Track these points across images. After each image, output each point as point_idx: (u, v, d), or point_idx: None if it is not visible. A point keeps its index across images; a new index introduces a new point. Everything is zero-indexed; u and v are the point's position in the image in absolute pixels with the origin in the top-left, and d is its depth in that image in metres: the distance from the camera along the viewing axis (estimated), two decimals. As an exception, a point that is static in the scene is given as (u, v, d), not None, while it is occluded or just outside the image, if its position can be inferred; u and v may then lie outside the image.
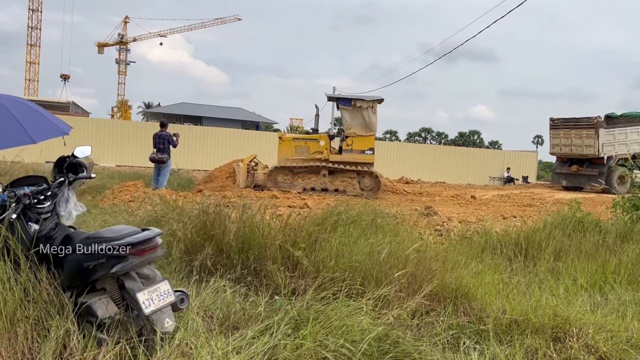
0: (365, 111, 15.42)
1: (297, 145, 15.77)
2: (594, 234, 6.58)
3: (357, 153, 15.61)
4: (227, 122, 51.54)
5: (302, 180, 15.48)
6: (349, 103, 15.46)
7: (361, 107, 15.43)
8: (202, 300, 3.82)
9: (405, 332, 3.48)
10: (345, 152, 15.65)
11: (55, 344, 2.85)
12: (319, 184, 15.44)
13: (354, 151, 15.60)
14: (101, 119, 36.74)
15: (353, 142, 15.57)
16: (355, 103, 15.44)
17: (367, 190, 15.57)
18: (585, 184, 22.02)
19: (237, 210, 5.32)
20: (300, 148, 15.69)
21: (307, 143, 15.81)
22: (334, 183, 15.51)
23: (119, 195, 10.74)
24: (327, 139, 15.77)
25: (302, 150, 15.65)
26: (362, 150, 15.63)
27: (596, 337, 3.59)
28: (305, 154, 15.59)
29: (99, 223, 6.36)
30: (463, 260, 5.10)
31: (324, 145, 15.61)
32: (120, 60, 70.71)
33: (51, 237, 3.28)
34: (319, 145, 15.63)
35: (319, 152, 15.58)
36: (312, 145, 15.70)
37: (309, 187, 15.31)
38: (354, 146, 15.58)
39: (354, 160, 15.58)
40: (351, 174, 15.57)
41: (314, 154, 15.59)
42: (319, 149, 15.60)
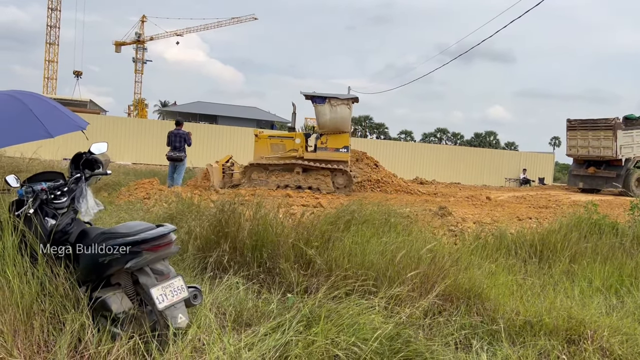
0: (340, 109, 15.45)
1: (273, 143, 15.88)
2: (610, 236, 6.49)
3: (332, 151, 15.67)
4: (242, 121, 51.78)
5: (276, 177, 15.56)
6: (324, 101, 15.50)
7: (335, 106, 15.46)
8: (215, 296, 3.84)
9: (417, 332, 3.47)
10: (319, 150, 15.73)
11: (70, 337, 2.89)
12: (293, 181, 15.51)
13: (328, 149, 15.67)
14: (118, 116, 37.15)
15: (327, 140, 15.63)
16: (330, 101, 15.47)
17: (340, 188, 15.66)
18: (603, 186, 21.72)
19: (250, 208, 5.35)
20: (276, 146, 15.78)
21: (283, 141, 15.92)
22: (307, 181, 15.59)
23: (135, 192, 10.85)
24: (302, 137, 15.89)
25: (277, 148, 15.75)
26: (337, 148, 15.69)
27: (611, 340, 3.54)
28: (281, 151, 15.69)
29: (114, 219, 6.43)
30: (477, 260, 5.07)
31: (299, 143, 15.70)
32: (137, 59, 71.40)
33: (67, 232, 3.33)
34: (294, 143, 15.73)
35: (295, 150, 15.67)
36: (287, 143, 15.80)
37: (282, 185, 15.37)
38: (329, 144, 15.65)
39: (328, 158, 15.64)
40: (325, 172, 15.63)
41: (290, 151, 15.67)
42: (294, 146, 15.69)
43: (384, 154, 28.94)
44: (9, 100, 3.51)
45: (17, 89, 3.80)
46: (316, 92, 15.83)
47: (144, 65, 72.20)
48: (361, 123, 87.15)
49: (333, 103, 15.47)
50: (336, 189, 15.61)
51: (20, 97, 3.55)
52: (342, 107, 15.49)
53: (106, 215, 6.79)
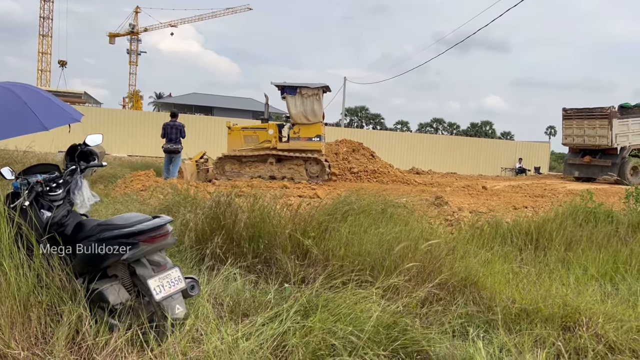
0: (311, 99, 15.45)
1: (246, 134, 15.89)
2: (605, 224, 6.52)
3: (304, 140, 15.70)
4: (238, 112, 51.64)
5: (249, 169, 15.62)
6: (294, 91, 15.49)
7: (306, 95, 15.44)
8: (213, 287, 3.85)
9: (414, 320, 3.49)
10: (292, 140, 15.75)
11: (68, 329, 2.90)
12: (267, 172, 15.57)
13: (301, 139, 15.70)
14: (113, 109, 36.99)
15: (300, 130, 15.64)
16: (301, 91, 15.45)
17: (314, 177, 15.71)
18: (598, 174, 21.81)
19: (248, 199, 5.35)
20: (249, 137, 15.80)
21: (256, 132, 15.93)
22: (281, 171, 15.64)
23: (131, 184, 10.83)
24: (275, 128, 15.90)
25: (251, 140, 15.76)
26: (309, 137, 15.71)
27: (606, 326, 3.57)
28: (254, 143, 15.70)
29: (110, 211, 6.42)
30: (473, 249, 5.10)
31: (272, 134, 15.73)
32: (132, 51, 70.94)
33: (63, 224, 3.32)
34: (267, 134, 15.74)
35: (268, 140, 15.70)
36: (260, 134, 15.81)
37: (256, 176, 15.40)
38: (301, 134, 15.67)
39: (301, 147, 15.68)
40: (298, 161, 15.68)
41: (263, 142, 15.70)
42: (267, 137, 15.70)
43: (381, 144, 28.93)
44: (2, 92, 3.48)
45: (10, 81, 3.77)
46: (287, 82, 15.79)
47: (138, 57, 71.79)
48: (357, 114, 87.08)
49: (304, 93, 15.44)
50: (310, 178, 15.66)
51: (14, 90, 3.52)
52: (313, 97, 15.48)
53: (102, 208, 6.78)
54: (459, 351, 3.16)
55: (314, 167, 15.83)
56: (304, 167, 15.69)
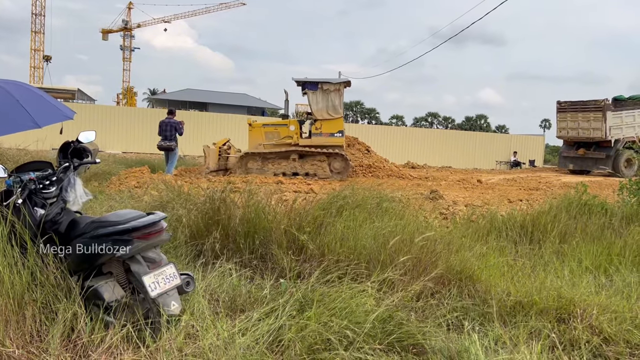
0: (332, 94, 15.42)
1: (267, 131, 15.81)
2: (600, 216, 6.55)
3: (327, 136, 15.66)
4: (232, 108, 51.48)
5: (272, 165, 15.51)
6: (316, 87, 15.44)
7: (328, 90, 15.42)
8: (208, 283, 3.85)
9: (410, 314, 3.50)
10: (314, 136, 15.70)
11: (63, 327, 2.89)
12: (290, 168, 15.47)
13: (323, 134, 15.65)
14: (107, 105, 36.83)
15: (322, 126, 15.60)
16: (322, 86, 15.42)
17: (337, 173, 15.64)
18: (592, 167, 21.91)
19: (242, 195, 5.34)
20: (270, 134, 15.72)
21: (277, 129, 15.87)
22: (304, 167, 15.55)
23: (125, 181, 10.79)
24: (296, 124, 15.83)
25: (272, 136, 15.69)
26: (331, 133, 15.69)
27: (600, 318, 3.59)
28: (276, 139, 15.63)
29: (105, 208, 6.39)
30: (468, 243, 5.11)
31: (293, 130, 15.66)
32: (125, 47, 70.58)
33: (57, 221, 3.31)
34: (289, 130, 15.68)
35: (289, 137, 15.63)
36: (282, 130, 15.75)
37: (279, 172, 15.32)
38: (323, 129, 15.63)
39: (323, 143, 15.63)
40: (321, 157, 15.61)
41: (284, 139, 15.63)
42: (289, 134, 15.64)
43: (376, 139, 28.94)
44: (-6, 89, 3.45)
45: (3, 78, 3.75)
46: (308, 78, 15.76)
47: (131, 53, 71.43)
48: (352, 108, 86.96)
49: (325, 88, 15.40)
50: (332, 174, 15.58)
51: (6, 87, 3.49)
52: (335, 92, 15.42)
53: (96, 204, 6.76)
54: (455, 344, 3.17)
55: (337, 163, 15.75)
56: (327, 163, 15.64)
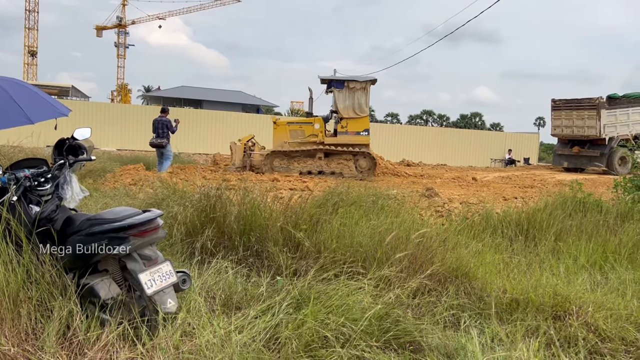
0: (359, 92, 15.36)
1: (292, 129, 15.74)
2: (595, 214, 6.58)
3: (352, 134, 15.61)
4: (227, 105, 51.34)
5: (298, 164, 15.46)
6: (342, 85, 15.35)
7: (354, 89, 15.35)
8: (204, 281, 3.84)
9: (406, 312, 3.50)
10: (340, 134, 15.64)
11: (58, 325, 2.87)
12: (315, 167, 15.42)
13: (349, 133, 15.60)
14: (101, 102, 36.65)
15: (348, 124, 15.55)
16: (348, 84, 15.34)
17: (363, 172, 15.56)
18: (587, 165, 22.02)
19: (238, 193, 5.33)
20: (295, 132, 15.65)
21: (302, 127, 15.79)
22: (330, 165, 15.49)
23: (120, 178, 10.76)
24: (321, 122, 15.74)
25: (297, 134, 15.62)
26: (357, 131, 15.63)
27: (596, 315, 3.61)
28: (300, 137, 15.56)
29: (100, 206, 6.37)
30: (464, 240, 5.12)
31: (318, 128, 15.59)
32: (119, 44, 70.24)
33: (52, 219, 3.29)
34: (313, 128, 15.63)
35: (314, 135, 15.57)
36: (307, 128, 15.69)
37: (305, 171, 15.28)
38: (349, 128, 15.58)
39: (349, 142, 15.57)
40: (347, 156, 15.55)
41: (309, 137, 15.57)
42: (314, 132, 15.59)
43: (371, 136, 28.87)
44: (-12, 86, 3.42)
45: (-4, 75, 3.72)
46: (334, 76, 15.67)
47: (126, 50, 71.13)
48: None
49: (352, 86, 15.31)
50: (359, 172, 15.49)
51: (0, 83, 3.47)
52: (361, 90, 15.34)
53: (92, 202, 6.73)
54: (451, 341, 3.18)
55: (363, 161, 15.70)
56: (353, 162, 15.56)
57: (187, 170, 14.60)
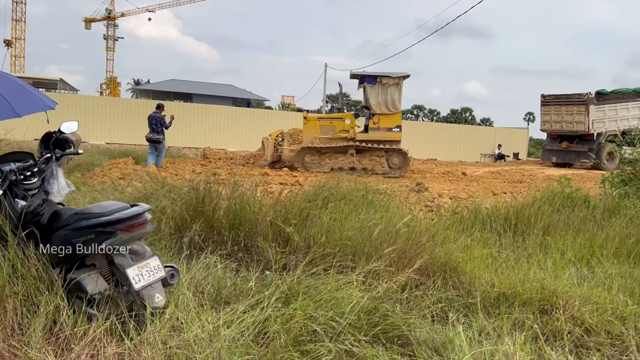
0: (391, 88, 15.22)
1: (322, 124, 15.56)
2: (582, 209, 6.63)
3: (384, 131, 15.44)
4: (217, 99, 51.09)
5: (329, 160, 15.28)
6: (375, 80, 15.19)
7: (387, 84, 15.20)
8: (193, 275, 3.83)
9: (395, 306, 3.51)
10: (372, 131, 15.45)
11: (45, 320, 2.85)
12: (347, 163, 15.24)
13: (380, 129, 15.43)
14: (90, 95, 36.32)
15: (380, 120, 15.39)
16: (381, 80, 15.18)
17: (396, 169, 15.43)
18: (575, 160, 22.18)
19: (227, 187, 5.31)
20: (325, 127, 15.47)
21: (332, 122, 15.64)
22: (362, 162, 15.33)
23: (109, 172, 10.68)
24: (352, 118, 15.61)
25: (327, 130, 15.44)
26: (389, 127, 15.48)
27: (582, 309, 3.64)
28: (331, 133, 15.38)
29: (88, 200, 6.32)
30: (452, 235, 5.14)
31: (349, 124, 15.43)
32: (108, 36, 69.51)
33: (39, 213, 3.25)
34: (344, 124, 15.46)
35: (345, 131, 15.40)
36: (337, 124, 15.52)
37: (336, 167, 15.09)
38: (381, 124, 15.42)
39: (381, 138, 15.41)
40: (379, 153, 15.41)
41: (340, 133, 15.39)
42: (344, 127, 15.43)
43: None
44: (-27, 78, 3.38)
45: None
46: (366, 72, 15.51)
47: (115, 43, 70.41)
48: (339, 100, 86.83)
49: (384, 82, 15.17)
50: (391, 169, 15.38)
51: (-16, 75, 3.42)
52: (394, 86, 15.21)
53: (79, 196, 6.67)
54: (439, 335, 3.19)
55: (395, 158, 15.57)
56: (385, 159, 15.43)
57: (176, 164, 14.55)
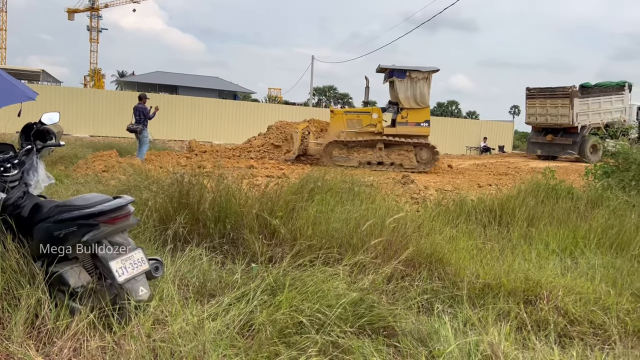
0: (420, 82, 15.15)
1: (349, 118, 15.43)
2: (566, 200, 6.69)
3: (413, 125, 15.36)
4: (203, 91, 50.69)
5: (357, 154, 15.16)
6: (404, 74, 15.11)
7: (416, 79, 15.13)
8: (178, 268, 3.79)
9: (381, 297, 3.52)
10: (400, 125, 15.37)
11: (26, 313, 2.81)
12: (375, 157, 15.14)
13: (409, 124, 15.35)
14: (73, 87, 35.80)
15: (408, 115, 15.31)
16: (410, 74, 15.09)
17: (424, 163, 15.41)
18: (560, 152, 22.38)
19: (213, 179, 5.27)
20: (352, 121, 15.34)
21: (360, 116, 15.50)
22: (390, 156, 15.24)
23: (92, 165, 10.55)
24: (379, 112, 15.52)
25: (354, 124, 15.32)
26: (418, 122, 15.40)
27: (565, 299, 3.69)
28: (358, 127, 15.27)
29: (71, 192, 6.23)
30: (438, 226, 5.16)
31: (377, 118, 15.32)
32: (92, 28, 68.48)
33: (19, 205, 3.20)
34: (371, 118, 15.34)
35: (372, 125, 15.28)
36: (364, 118, 15.40)
37: (364, 161, 14.99)
38: (409, 118, 15.34)
39: (409, 132, 15.34)
40: (408, 147, 15.33)
41: (367, 127, 15.28)
42: (372, 121, 15.31)
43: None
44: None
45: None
46: (395, 65, 15.37)
47: (99, 34, 69.41)
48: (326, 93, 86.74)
49: (414, 76, 15.08)
50: (419, 164, 15.34)
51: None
52: (423, 80, 15.14)
53: (62, 189, 6.58)
54: (425, 326, 3.21)
55: (424, 153, 15.48)
56: (414, 153, 15.34)
57: (161, 157, 14.43)
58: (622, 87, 22.52)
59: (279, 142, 16.83)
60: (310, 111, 31.95)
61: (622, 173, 7.98)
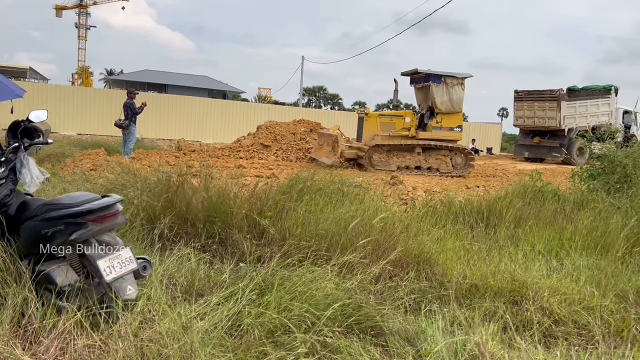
0: (455, 87, 15.22)
1: (383, 122, 15.37)
2: (552, 202, 6.77)
3: (447, 130, 15.41)
4: (192, 90, 50.47)
5: (397, 158, 15.09)
6: (439, 80, 15.16)
7: (451, 84, 15.21)
8: (166, 268, 3.78)
9: (369, 297, 3.54)
10: (434, 130, 15.39)
11: (12, 312, 2.79)
12: (413, 162, 15.11)
13: (443, 128, 15.38)
14: (61, 85, 35.46)
15: (442, 119, 15.36)
16: (446, 80, 15.18)
17: (459, 168, 15.45)
18: (547, 155, 22.57)
19: (201, 179, 5.27)
20: (385, 125, 15.28)
21: (393, 120, 15.46)
22: (427, 161, 15.23)
23: (80, 163, 10.47)
24: (412, 116, 15.52)
25: (387, 128, 15.26)
26: (451, 127, 15.45)
27: (551, 300, 3.73)
28: (391, 130, 15.23)
29: (58, 191, 6.19)
30: (426, 227, 5.19)
31: (409, 122, 15.34)
32: (80, 25, 67.81)
33: (6, 204, 3.17)
34: (404, 122, 15.34)
35: (406, 129, 15.28)
36: (397, 122, 15.37)
37: (403, 166, 14.95)
38: (444, 123, 15.38)
39: (443, 137, 15.38)
40: (444, 152, 15.38)
41: (400, 130, 15.26)
42: (405, 125, 15.30)
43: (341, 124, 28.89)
44: None
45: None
46: (431, 70, 15.36)
47: (87, 32, 68.74)
48: (315, 94, 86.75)
49: (449, 82, 15.16)
50: (454, 168, 15.36)
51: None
52: (458, 86, 15.21)
53: (49, 187, 6.53)
54: (412, 326, 3.23)
55: (459, 157, 15.52)
56: (449, 158, 15.38)
57: (150, 155, 14.36)
58: (609, 90, 22.77)
59: (268, 142, 16.81)
60: (300, 111, 31.95)
61: (607, 176, 8.07)
